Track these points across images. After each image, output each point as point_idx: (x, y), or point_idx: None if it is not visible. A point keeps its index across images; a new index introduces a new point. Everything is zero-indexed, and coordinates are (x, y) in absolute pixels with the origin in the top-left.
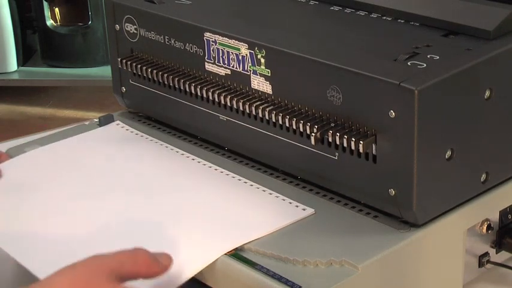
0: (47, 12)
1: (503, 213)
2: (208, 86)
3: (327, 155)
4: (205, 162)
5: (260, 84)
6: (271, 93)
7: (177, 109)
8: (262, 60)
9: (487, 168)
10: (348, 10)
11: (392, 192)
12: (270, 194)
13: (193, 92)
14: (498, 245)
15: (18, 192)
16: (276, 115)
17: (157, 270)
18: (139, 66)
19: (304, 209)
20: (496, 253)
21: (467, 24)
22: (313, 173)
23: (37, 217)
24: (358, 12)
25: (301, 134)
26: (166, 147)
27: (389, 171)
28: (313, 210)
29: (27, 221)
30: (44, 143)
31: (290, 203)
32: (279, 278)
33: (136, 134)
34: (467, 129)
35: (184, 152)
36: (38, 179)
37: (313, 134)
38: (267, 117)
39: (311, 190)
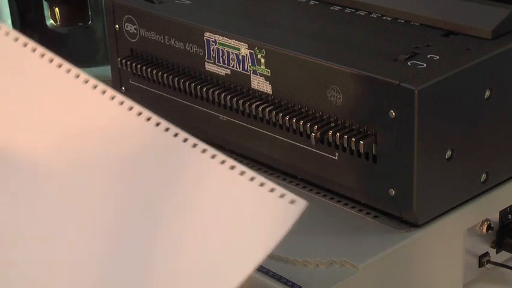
0: (47, 12)
1: (503, 213)
2: (208, 86)
3: (327, 155)
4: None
5: (260, 84)
6: (271, 93)
7: (177, 109)
8: (262, 60)
9: (487, 168)
10: (348, 10)
11: (392, 192)
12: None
13: (193, 92)
14: (498, 245)
15: None
16: (276, 115)
17: None
18: (139, 66)
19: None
20: (496, 253)
21: (467, 24)
22: (313, 173)
23: None
24: (358, 12)
25: (301, 134)
26: None
27: (389, 171)
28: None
29: None
30: None
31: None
32: (279, 278)
33: None
34: (467, 129)
35: None
36: None
37: (313, 134)
38: (267, 117)
39: (311, 190)
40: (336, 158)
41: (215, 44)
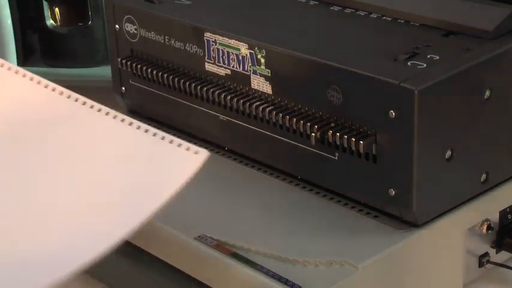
0: (47, 12)
1: (503, 213)
2: (208, 86)
3: (327, 155)
4: None
5: (260, 84)
6: (271, 93)
7: (177, 109)
8: (262, 60)
9: (487, 168)
10: (348, 10)
11: (392, 192)
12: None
13: (193, 92)
14: (498, 245)
15: None
16: (276, 115)
17: None
18: (139, 66)
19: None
20: (496, 253)
21: (467, 24)
22: (313, 173)
23: None
24: (358, 12)
25: (301, 134)
26: None
27: (389, 171)
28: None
29: None
30: None
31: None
32: (279, 278)
33: None
34: (467, 129)
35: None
36: None
37: (313, 134)
38: (267, 117)
39: (311, 190)
40: (336, 158)
41: (215, 44)
